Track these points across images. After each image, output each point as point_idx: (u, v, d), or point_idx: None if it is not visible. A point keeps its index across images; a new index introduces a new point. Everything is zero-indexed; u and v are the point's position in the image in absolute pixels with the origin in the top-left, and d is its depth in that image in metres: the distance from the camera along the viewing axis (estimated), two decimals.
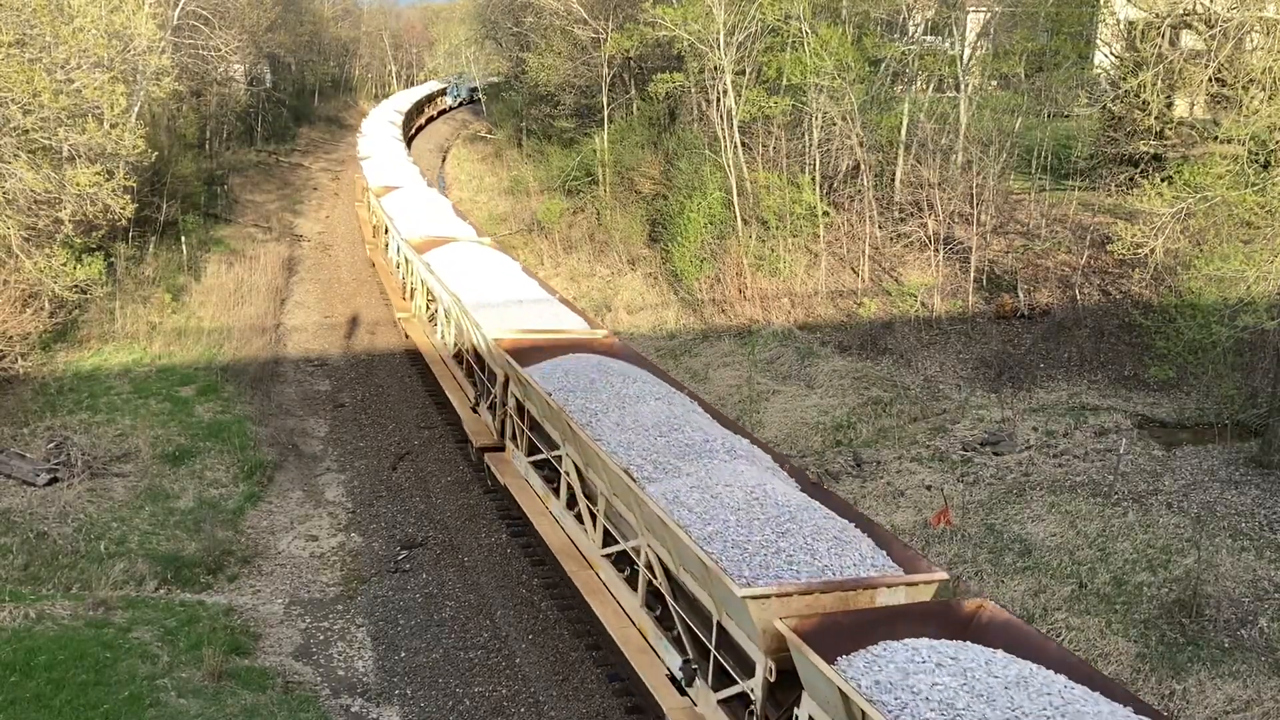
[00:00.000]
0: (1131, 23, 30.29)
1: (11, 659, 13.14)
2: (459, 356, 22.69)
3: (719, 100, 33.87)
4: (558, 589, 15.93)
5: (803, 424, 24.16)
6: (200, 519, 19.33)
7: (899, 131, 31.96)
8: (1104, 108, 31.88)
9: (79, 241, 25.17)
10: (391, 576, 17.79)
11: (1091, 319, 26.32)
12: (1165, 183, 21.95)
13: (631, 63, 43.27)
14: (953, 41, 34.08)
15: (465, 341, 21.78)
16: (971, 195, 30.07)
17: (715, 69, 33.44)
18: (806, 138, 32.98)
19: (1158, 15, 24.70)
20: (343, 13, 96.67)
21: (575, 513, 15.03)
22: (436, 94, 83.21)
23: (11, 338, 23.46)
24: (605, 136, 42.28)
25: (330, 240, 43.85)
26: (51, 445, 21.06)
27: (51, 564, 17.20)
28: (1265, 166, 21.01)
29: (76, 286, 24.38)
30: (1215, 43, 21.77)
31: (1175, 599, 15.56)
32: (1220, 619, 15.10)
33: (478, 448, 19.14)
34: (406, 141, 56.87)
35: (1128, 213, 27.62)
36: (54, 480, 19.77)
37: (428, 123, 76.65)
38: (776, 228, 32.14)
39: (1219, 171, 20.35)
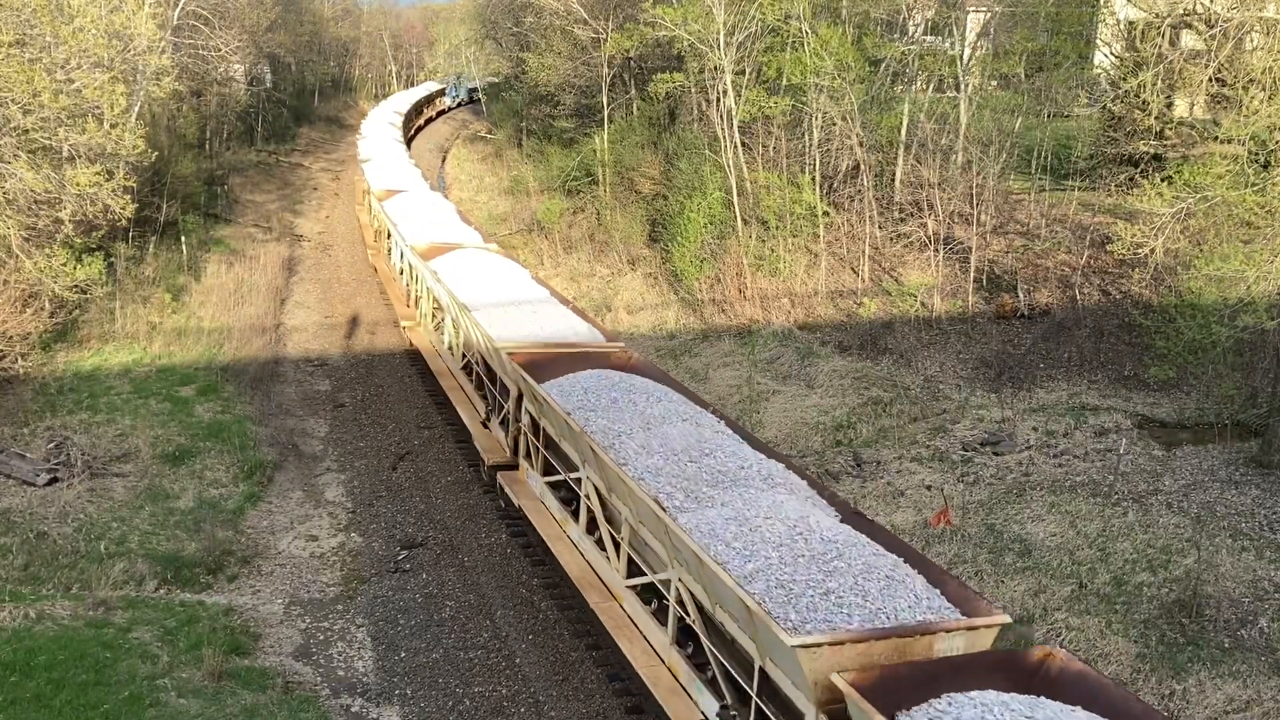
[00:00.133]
0: (1131, 23, 30.30)
1: (11, 659, 13.14)
2: (468, 368, 22.01)
3: (719, 100, 33.88)
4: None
5: (803, 424, 24.16)
6: (200, 519, 19.33)
7: (899, 131, 31.97)
8: (1104, 108, 31.90)
9: (79, 241, 25.17)
10: (391, 576, 17.78)
11: (1091, 319, 26.32)
12: (1165, 183, 21.95)
13: (631, 63, 43.28)
14: (953, 41, 34.09)
15: (474, 353, 21.09)
16: (971, 195, 30.08)
17: (715, 69, 33.44)
18: (806, 138, 32.99)
19: (1158, 15, 24.72)
20: (343, 13, 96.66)
21: (596, 538, 14.30)
22: (435, 94, 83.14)
23: (11, 338, 23.46)
24: (605, 136, 42.28)
25: (330, 240, 43.85)
26: (51, 445, 21.07)
27: (51, 564, 17.20)
28: (1265, 166, 21.01)
29: (76, 286, 24.38)
30: (1215, 43, 21.77)
31: (1175, 599, 15.56)
32: (1220, 619, 15.10)
33: (490, 466, 18.45)
34: (406, 142, 56.82)
35: (1128, 213, 27.62)
36: (54, 480, 19.77)
37: (426, 124, 76.63)
38: (776, 228, 32.14)
39: (1219, 171, 20.35)
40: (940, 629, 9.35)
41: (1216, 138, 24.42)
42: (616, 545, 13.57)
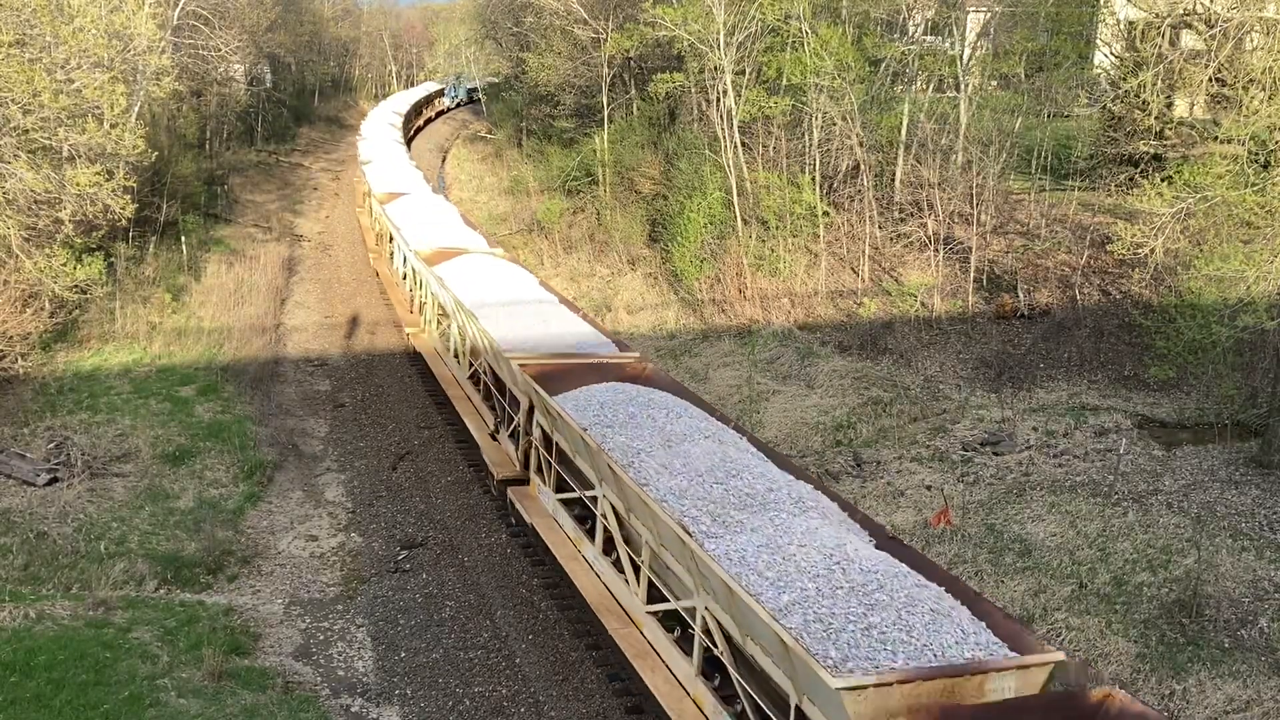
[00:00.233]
0: (1131, 23, 30.30)
1: (11, 659, 13.15)
2: (474, 377, 21.47)
3: (719, 100, 33.88)
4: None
5: (803, 424, 24.16)
6: (200, 519, 19.33)
7: (899, 131, 31.97)
8: (1104, 108, 31.91)
9: (79, 241, 25.16)
10: (391, 576, 17.79)
11: (1091, 319, 26.32)
12: (1165, 183, 21.95)
13: (631, 63, 43.28)
14: (953, 41, 34.09)
15: (482, 362, 20.54)
16: (971, 195, 30.08)
17: (715, 69, 33.44)
18: (806, 138, 32.99)
19: (1158, 15, 24.71)
20: (343, 13, 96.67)
21: (613, 560, 13.69)
22: (435, 95, 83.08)
23: (11, 338, 23.46)
24: (605, 136, 42.28)
25: (330, 240, 43.85)
26: (51, 445, 21.07)
27: (51, 564, 17.20)
28: (1265, 166, 21.01)
29: (76, 286, 24.38)
30: (1215, 43, 21.76)
31: (1175, 599, 15.56)
32: (1220, 619, 15.10)
33: (500, 481, 17.88)
34: (407, 143, 56.77)
35: (1128, 213, 27.62)
36: (54, 480, 19.78)
37: (425, 124, 76.59)
38: (776, 228, 32.14)
39: (1219, 171, 20.35)
40: (991, 668, 8.83)
41: (1216, 138, 24.42)
42: (636, 569, 12.92)
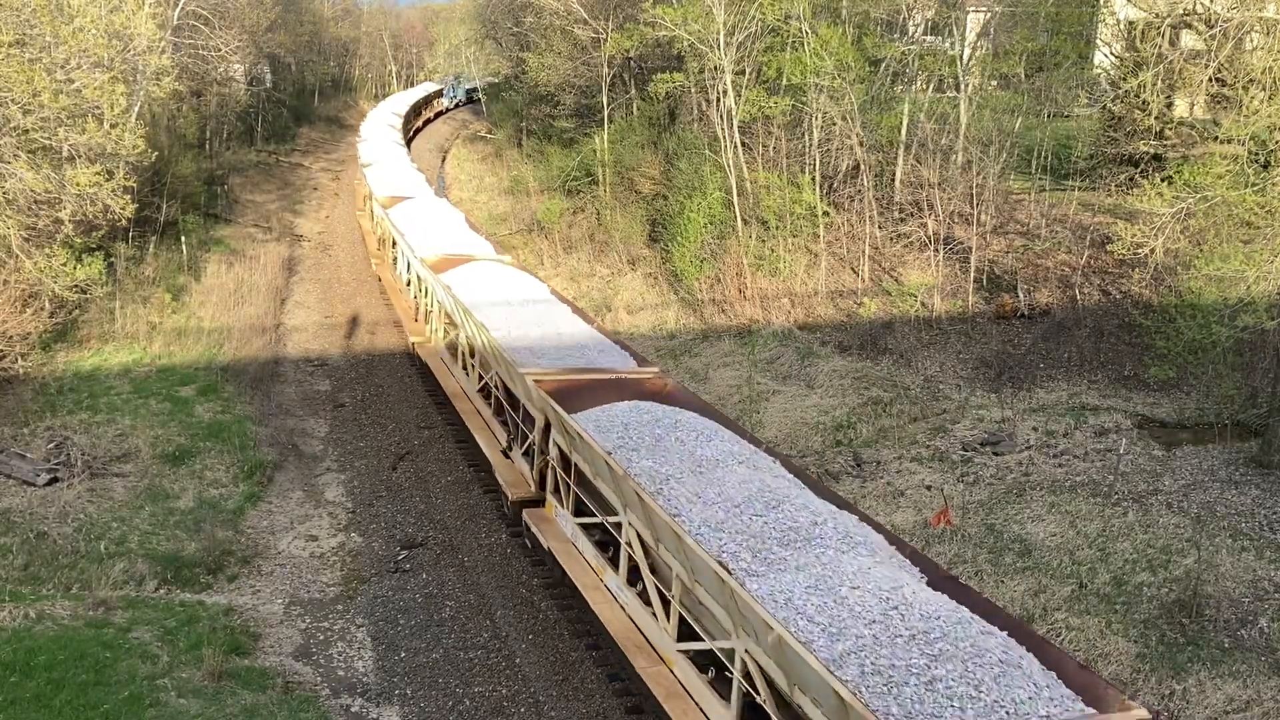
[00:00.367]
0: (1131, 23, 30.30)
1: (11, 659, 13.14)
2: (485, 390, 20.79)
3: (719, 100, 33.88)
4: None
5: (803, 424, 24.16)
6: (200, 519, 19.33)
7: (899, 131, 31.97)
8: (1104, 108, 31.91)
9: (79, 241, 25.18)
10: (391, 576, 17.79)
11: (1091, 319, 26.32)
12: (1165, 183, 21.96)
13: (631, 63, 43.28)
14: (953, 41, 34.09)
15: (493, 376, 19.87)
16: (971, 195, 30.07)
17: (715, 69, 33.44)
18: (806, 138, 32.99)
19: (1158, 15, 24.71)
20: (343, 13, 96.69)
21: (639, 590, 13.04)
22: (434, 95, 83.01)
23: (11, 338, 23.47)
24: (605, 136, 42.28)
25: (330, 240, 43.85)
26: (51, 445, 21.07)
27: (51, 564, 17.20)
28: (1265, 166, 21.02)
29: (76, 286, 24.39)
30: (1215, 43, 21.76)
31: (1175, 599, 15.56)
32: (1220, 619, 15.10)
33: (514, 502, 17.19)
34: (407, 144, 56.74)
35: (1128, 213, 27.63)
36: (54, 480, 19.78)
37: (424, 125, 76.57)
38: (776, 228, 32.14)
39: (1219, 171, 20.36)
40: None
41: (1216, 138, 24.42)
42: (665, 602, 12.18)
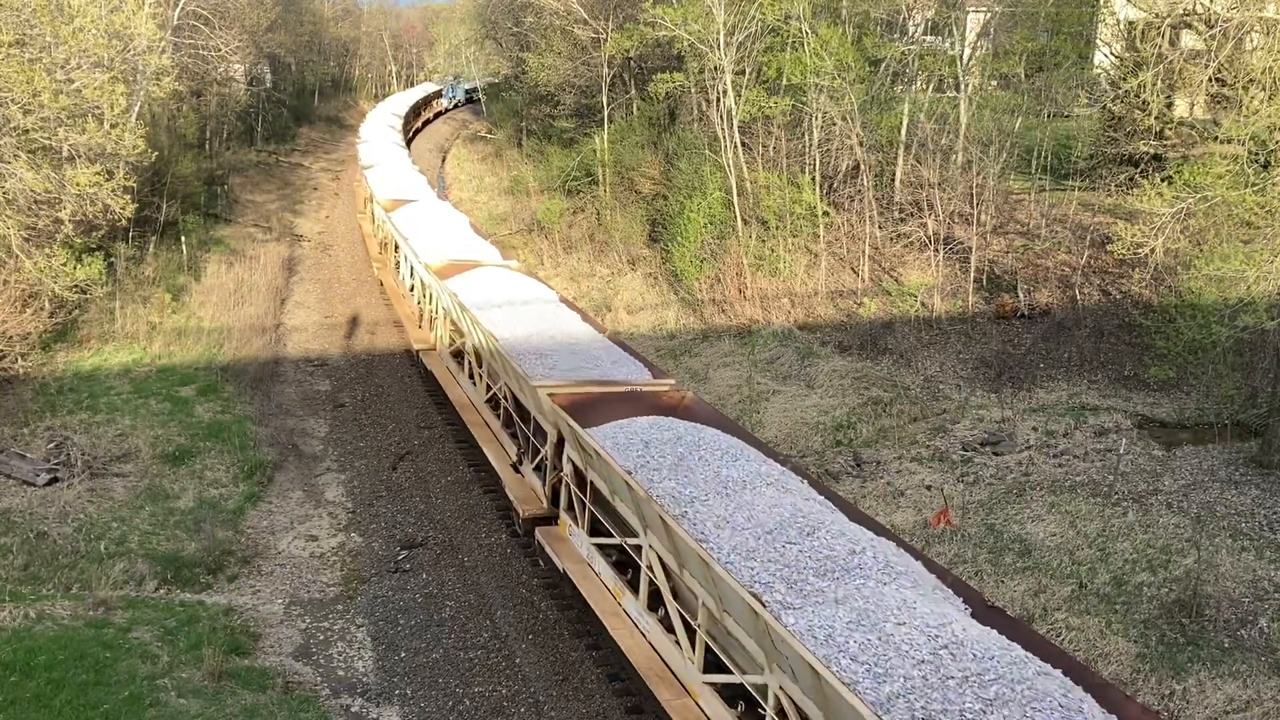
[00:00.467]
0: (1131, 23, 30.31)
1: (11, 659, 13.15)
2: (493, 401, 20.09)
3: (719, 100, 33.88)
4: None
5: (803, 424, 24.16)
6: (200, 519, 19.33)
7: (899, 131, 31.97)
8: (1104, 108, 31.90)
9: (79, 241, 25.18)
10: (391, 576, 17.78)
11: (1091, 319, 26.32)
12: (1165, 183, 21.97)
13: (631, 63, 43.28)
14: (953, 41, 34.09)
15: (502, 386, 19.23)
16: (971, 195, 30.07)
17: (715, 69, 33.44)
18: (806, 138, 32.99)
19: (1158, 15, 24.72)
20: (343, 13, 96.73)
21: (660, 616, 12.38)
22: (433, 96, 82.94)
23: (11, 338, 23.47)
24: (605, 136, 42.29)
25: (330, 240, 43.85)
26: (51, 445, 21.07)
27: (51, 564, 17.21)
28: (1265, 166, 21.02)
29: (76, 286, 24.39)
30: (1215, 43, 21.77)
31: (1175, 599, 15.56)
32: (1220, 619, 15.10)
33: (526, 519, 16.48)
34: (407, 145, 56.69)
35: (1128, 213, 27.63)
36: (54, 480, 19.78)
37: (424, 125, 76.55)
38: (776, 228, 32.14)
39: (1219, 171, 20.37)
40: None
41: (1216, 138, 24.42)
42: (690, 631, 11.58)
